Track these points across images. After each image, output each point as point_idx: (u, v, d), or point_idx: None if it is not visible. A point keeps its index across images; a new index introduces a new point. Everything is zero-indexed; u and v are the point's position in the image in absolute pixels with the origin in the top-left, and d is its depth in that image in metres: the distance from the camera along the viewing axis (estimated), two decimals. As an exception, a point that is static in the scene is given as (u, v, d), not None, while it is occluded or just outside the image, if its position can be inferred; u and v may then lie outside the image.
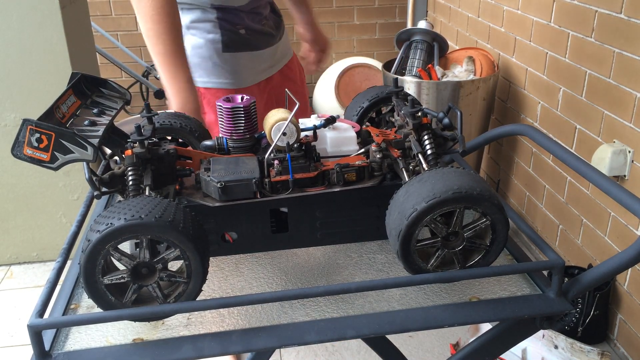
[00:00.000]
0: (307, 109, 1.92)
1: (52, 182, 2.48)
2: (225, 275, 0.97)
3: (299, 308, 0.86)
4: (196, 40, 1.55)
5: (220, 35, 1.53)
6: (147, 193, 0.87)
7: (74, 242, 0.92)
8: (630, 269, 1.94)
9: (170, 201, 0.80)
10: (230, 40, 1.54)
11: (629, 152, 1.86)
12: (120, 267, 0.78)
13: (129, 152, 0.89)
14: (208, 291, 0.92)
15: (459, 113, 0.96)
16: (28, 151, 0.81)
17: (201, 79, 1.57)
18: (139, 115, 1.05)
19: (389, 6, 3.87)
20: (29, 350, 0.77)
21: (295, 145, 0.94)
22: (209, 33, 1.54)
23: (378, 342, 1.24)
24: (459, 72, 2.71)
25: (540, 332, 1.67)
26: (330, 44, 1.85)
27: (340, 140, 1.01)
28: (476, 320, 0.84)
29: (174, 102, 1.38)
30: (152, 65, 3.66)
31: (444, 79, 2.67)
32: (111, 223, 0.74)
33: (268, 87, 1.66)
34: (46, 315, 0.78)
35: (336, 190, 0.94)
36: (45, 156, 0.81)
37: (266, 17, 1.63)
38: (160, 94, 3.58)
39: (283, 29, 1.72)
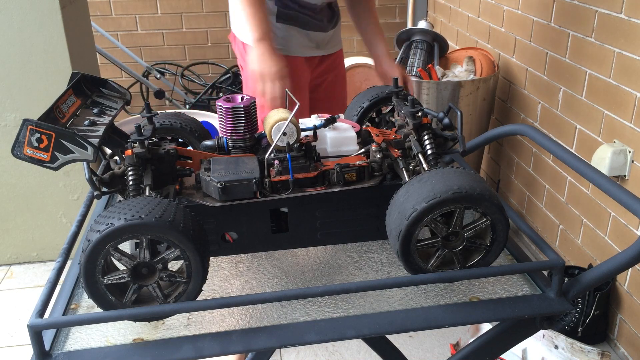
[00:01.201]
0: (345, 104, 1.95)
1: (52, 182, 2.48)
2: (225, 275, 0.97)
3: (299, 308, 0.86)
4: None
5: (277, 8, 1.67)
6: (147, 193, 0.87)
7: (74, 242, 0.92)
8: (630, 269, 1.94)
9: (170, 201, 0.80)
10: (283, 14, 1.68)
11: (629, 152, 1.86)
12: (121, 267, 0.78)
13: (129, 152, 0.89)
14: (208, 291, 0.92)
15: (459, 113, 0.96)
16: (28, 151, 0.81)
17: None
18: (139, 115, 1.05)
19: (389, 6, 3.87)
20: (29, 350, 0.77)
21: (296, 145, 0.94)
22: (268, 2, 1.67)
23: (378, 342, 1.24)
24: (459, 72, 2.71)
25: (540, 332, 1.67)
26: (406, 77, 1.75)
27: (341, 140, 1.01)
28: (476, 320, 0.84)
29: (257, 66, 1.50)
30: (152, 65, 3.66)
31: (444, 79, 2.67)
32: (111, 223, 0.74)
33: (312, 64, 1.78)
34: (46, 315, 0.78)
35: (336, 190, 0.94)
36: (45, 156, 0.81)
37: (321, 10, 1.72)
38: (160, 94, 3.58)
39: (336, 22, 1.80)
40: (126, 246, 0.84)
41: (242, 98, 1.01)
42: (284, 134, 0.93)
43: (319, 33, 1.74)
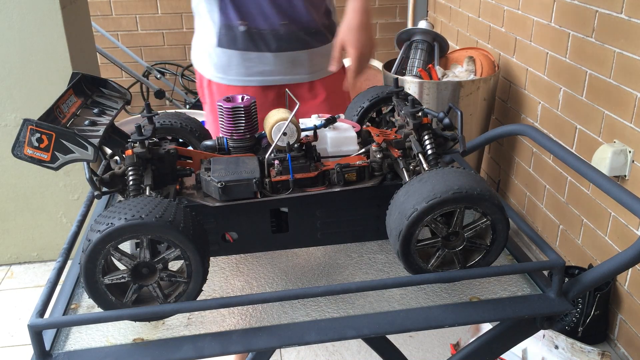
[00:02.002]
0: None
1: (53, 182, 2.48)
2: (225, 275, 0.97)
3: (299, 308, 0.86)
4: (198, 26, 1.52)
5: (218, 29, 1.45)
6: (147, 193, 0.87)
7: (75, 242, 0.92)
8: (630, 269, 1.94)
9: (170, 201, 0.80)
10: (225, 36, 1.45)
11: (629, 152, 1.86)
12: (121, 267, 0.78)
13: (129, 152, 0.89)
14: (208, 291, 0.92)
15: (459, 113, 0.96)
16: (28, 151, 0.81)
17: (200, 66, 1.55)
18: (140, 115, 1.05)
19: (389, 6, 3.87)
20: (30, 350, 0.77)
21: (296, 145, 0.94)
22: (209, 22, 1.48)
23: (378, 342, 1.24)
24: (460, 72, 2.71)
25: (541, 332, 1.67)
26: (372, 47, 1.36)
27: (341, 140, 1.01)
28: (476, 320, 0.84)
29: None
30: (153, 65, 3.66)
31: (445, 79, 2.67)
32: (112, 223, 0.74)
33: (272, 94, 1.52)
34: (46, 315, 0.78)
35: (336, 190, 0.94)
36: (45, 156, 0.81)
37: (294, 20, 1.46)
38: (160, 94, 3.58)
39: (314, 40, 1.50)
40: (126, 246, 0.84)
41: (242, 98, 1.01)
42: (284, 134, 0.93)
43: (282, 53, 1.45)
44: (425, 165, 0.92)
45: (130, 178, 0.88)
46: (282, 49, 1.48)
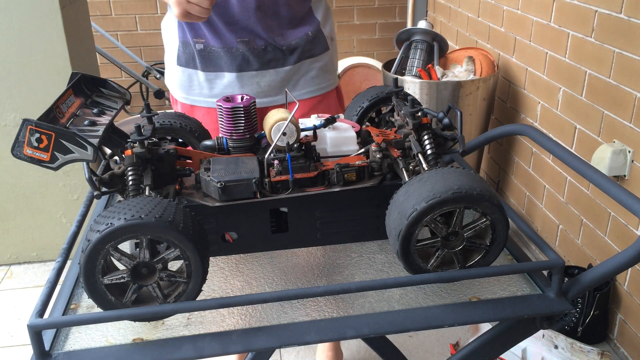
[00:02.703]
0: None
1: (52, 182, 2.48)
2: (225, 275, 0.97)
3: (299, 308, 0.86)
4: (164, 42, 1.48)
5: (177, 46, 1.39)
6: (147, 193, 0.87)
7: (74, 242, 0.92)
8: (630, 269, 1.94)
9: (170, 201, 0.80)
10: (183, 53, 1.39)
11: (629, 152, 1.86)
12: (120, 267, 0.78)
13: (129, 152, 0.89)
14: (208, 291, 0.92)
15: (458, 113, 0.96)
16: (28, 151, 0.81)
17: (169, 83, 1.49)
18: (139, 115, 1.05)
19: (389, 6, 3.87)
20: (29, 350, 0.77)
21: (295, 145, 0.94)
22: (171, 38, 1.42)
23: (378, 342, 1.24)
24: (459, 72, 2.71)
25: (540, 332, 1.67)
26: None
27: (340, 140, 1.01)
28: (476, 320, 0.84)
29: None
30: (152, 65, 3.66)
31: (444, 79, 2.67)
32: (111, 223, 0.74)
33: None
34: (46, 315, 0.78)
35: (336, 190, 0.94)
36: (45, 156, 0.81)
37: (257, 36, 1.35)
38: (160, 94, 3.58)
39: (286, 57, 1.39)
40: (126, 246, 0.84)
41: (242, 98, 1.01)
42: (284, 133, 0.93)
43: (245, 73, 1.35)
44: (424, 165, 0.92)
45: (130, 178, 0.88)
46: (244, 69, 1.37)
